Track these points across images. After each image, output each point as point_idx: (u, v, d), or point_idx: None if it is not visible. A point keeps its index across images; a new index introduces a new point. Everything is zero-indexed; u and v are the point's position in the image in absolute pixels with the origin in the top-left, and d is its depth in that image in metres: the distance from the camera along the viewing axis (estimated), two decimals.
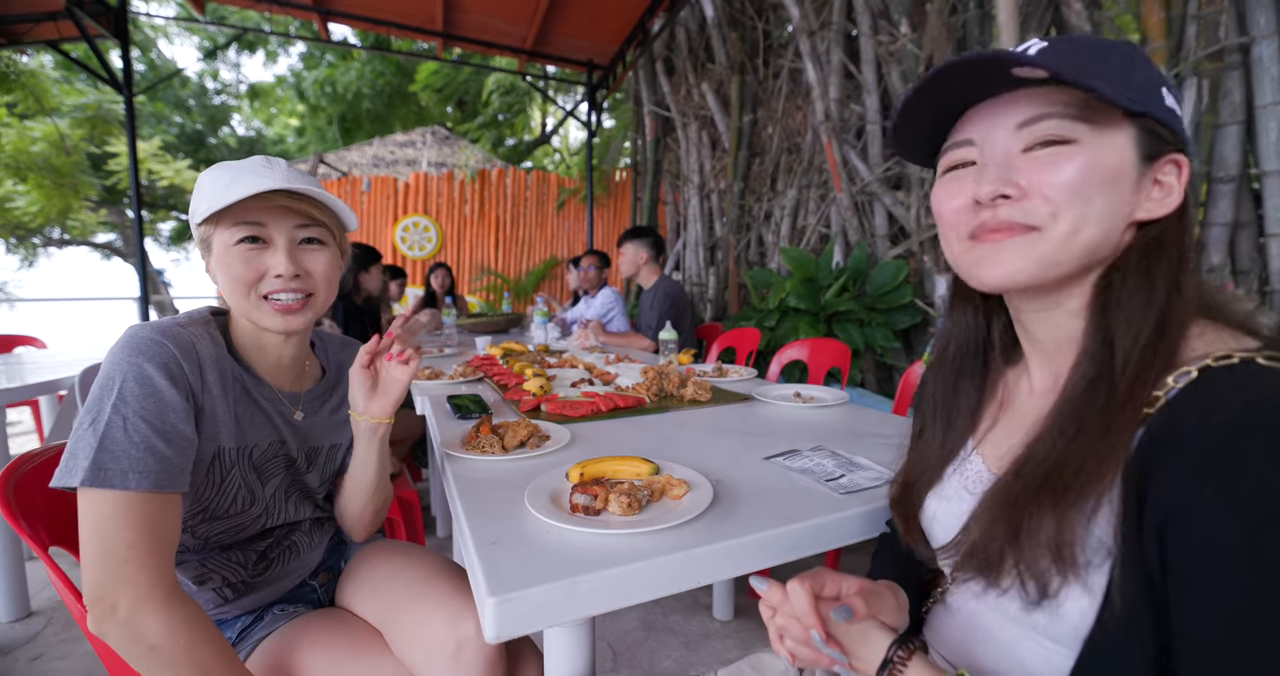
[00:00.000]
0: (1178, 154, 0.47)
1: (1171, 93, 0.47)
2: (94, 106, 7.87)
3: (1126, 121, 0.46)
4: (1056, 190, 0.46)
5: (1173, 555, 0.37)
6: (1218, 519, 0.35)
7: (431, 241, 6.28)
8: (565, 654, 0.66)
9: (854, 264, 3.15)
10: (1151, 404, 0.42)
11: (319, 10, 4.16)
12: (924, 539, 0.61)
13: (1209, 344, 0.43)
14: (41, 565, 0.85)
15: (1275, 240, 1.94)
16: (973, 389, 0.60)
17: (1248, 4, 1.92)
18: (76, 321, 7.57)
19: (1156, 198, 0.47)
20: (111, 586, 0.63)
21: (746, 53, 4.12)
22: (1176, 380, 0.42)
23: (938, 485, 0.59)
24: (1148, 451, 0.40)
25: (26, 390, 1.78)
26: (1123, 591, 0.40)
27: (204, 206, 0.76)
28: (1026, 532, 0.44)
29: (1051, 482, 0.44)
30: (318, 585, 0.96)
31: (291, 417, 0.89)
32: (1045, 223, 0.46)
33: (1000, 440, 0.56)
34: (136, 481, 0.65)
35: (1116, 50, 0.47)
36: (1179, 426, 0.39)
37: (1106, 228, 0.46)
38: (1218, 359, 0.41)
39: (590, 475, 0.83)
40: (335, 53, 11.02)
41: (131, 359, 0.69)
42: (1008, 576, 0.46)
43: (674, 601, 1.85)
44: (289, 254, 0.79)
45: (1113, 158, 0.46)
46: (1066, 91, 0.45)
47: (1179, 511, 0.37)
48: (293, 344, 0.88)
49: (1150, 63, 0.48)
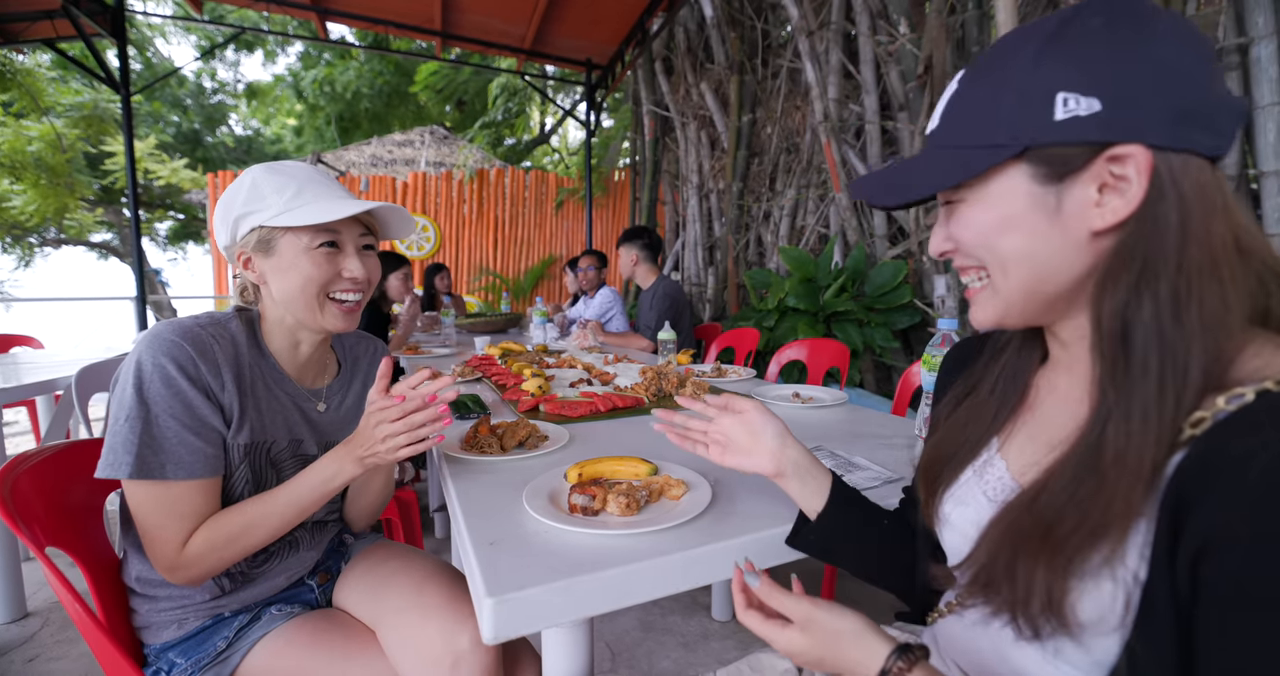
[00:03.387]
0: (1122, 146, 0.40)
1: (1083, 89, 0.40)
2: (90, 105, 7.84)
3: (1012, 161, 0.44)
4: (966, 245, 0.49)
5: (1205, 588, 0.35)
6: (1254, 561, 0.33)
7: (430, 241, 6.27)
8: (564, 654, 0.66)
9: (853, 264, 3.15)
10: (1197, 424, 0.38)
11: (317, 9, 4.15)
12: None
13: (1267, 361, 0.38)
14: (38, 566, 0.85)
15: (1274, 241, 1.95)
16: (1015, 389, 0.56)
17: (1246, 5, 1.93)
18: (73, 321, 7.53)
19: (1110, 202, 0.42)
20: (156, 557, 0.75)
21: (745, 52, 4.12)
22: (1228, 402, 0.37)
23: (954, 486, 0.56)
24: (1186, 479, 0.37)
25: (23, 390, 1.77)
26: (1149, 620, 0.38)
27: (271, 212, 0.80)
28: (1021, 575, 0.42)
29: (1053, 535, 0.42)
30: (315, 585, 0.95)
31: (313, 412, 0.92)
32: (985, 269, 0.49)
33: (1024, 445, 0.53)
34: (173, 472, 0.73)
35: (990, 77, 0.45)
36: (1226, 456, 0.35)
37: (1036, 263, 0.45)
38: (1279, 382, 0.36)
39: (589, 475, 0.83)
40: (334, 52, 11.00)
41: (155, 359, 0.74)
42: (1003, 609, 0.45)
43: (672, 602, 1.85)
44: (360, 259, 0.86)
45: (999, 205, 0.45)
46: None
47: (1216, 544, 0.34)
48: (324, 341, 0.93)
49: (1038, 67, 0.42)
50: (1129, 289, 0.41)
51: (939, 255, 0.52)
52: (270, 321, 0.88)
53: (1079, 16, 0.42)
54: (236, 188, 0.83)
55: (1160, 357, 0.40)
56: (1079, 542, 0.40)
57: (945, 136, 0.48)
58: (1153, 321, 0.40)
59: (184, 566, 0.75)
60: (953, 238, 0.50)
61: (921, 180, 0.48)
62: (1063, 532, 0.41)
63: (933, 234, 0.52)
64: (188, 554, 0.75)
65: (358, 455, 0.78)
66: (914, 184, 0.49)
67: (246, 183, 0.82)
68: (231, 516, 0.77)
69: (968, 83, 0.47)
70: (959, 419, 0.58)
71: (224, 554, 0.77)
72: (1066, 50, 0.42)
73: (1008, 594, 0.43)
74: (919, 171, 0.49)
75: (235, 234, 0.83)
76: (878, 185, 0.52)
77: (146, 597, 0.83)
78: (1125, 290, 0.42)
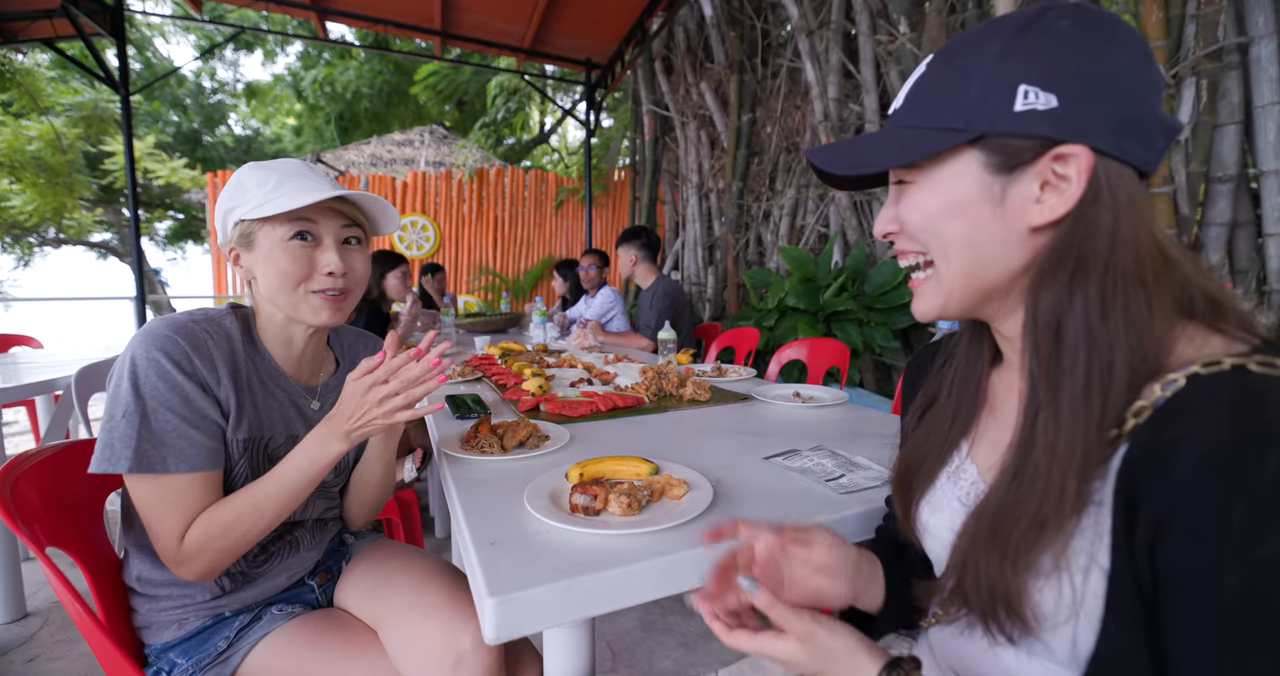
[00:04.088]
0: (1068, 146, 0.42)
1: (1044, 85, 0.42)
2: (90, 105, 7.83)
3: (966, 147, 0.45)
4: (912, 227, 0.49)
5: (1161, 574, 0.36)
6: (1204, 541, 0.34)
7: (430, 241, 6.26)
8: (565, 654, 0.66)
9: (853, 263, 3.15)
10: (1139, 414, 0.39)
11: (316, 9, 4.15)
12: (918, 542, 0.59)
13: (1198, 348, 0.41)
14: (38, 565, 0.85)
15: (1273, 240, 1.94)
16: (969, 393, 0.57)
17: (1246, 4, 1.92)
18: (72, 321, 7.53)
19: (1049, 200, 0.43)
20: (160, 552, 0.75)
21: (745, 52, 4.11)
22: (1164, 389, 0.39)
23: (930, 492, 0.56)
24: (1134, 467, 0.38)
25: (22, 390, 1.77)
26: (1117, 610, 0.39)
27: (250, 205, 0.79)
28: (983, 580, 0.43)
29: (1000, 534, 0.42)
30: (316, 585, 0.95)
31: (308, 410, 0.91)
32: (929, 255, 0.49)
33: (989, 447, 0.53)
34: (175, 465, 0.73)
35: (956, 63, 0.46)
36: (1163, 442, 0.37)
37: (977, 252, 0.46)
38: (1206, 365, 0.38)
39: (590, 475, 0.83)
40: (333, 52, 10.99)
41: (149, 353, 0.73)
42: (976, 616, 0.45)
43: (673, 601, 1.84)
44: (338, 252, 0.83)
45: (950, 189, 0.46)
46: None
47: (1167, 531, 0.35)
48: (318, 337, 0.92)
49: (1003, 59, 0.43)
50: (1063, 286, 0.43)
51: (883, 236, 0.53)
52: (263, 317, 0.88)
53: (1047, 15, 0.43)
54: (228, 184, 0.83)
55: (1088, 353, 0.41)
56: (1020, 537, 0.41)
57: (906, 117, 0.49)
58: (1082, 318, 0.42)
59: (185, 560, 0.74)
60: (899, 219, 0.50)
61: (874, 155, 0.49)
62: (1006, 530, 0.42)
63: (880, 214, 0.52)
64: (186, 547, 0.74)
65: (344, 430, 0.76)
66: (866, 157, 0.50)
67: (235, 179, 0.83)
68: (223, 508, 0.76)
69: (934, 67, 0.48)
70: (924, 429, 0.59)
71: (221, 545, 0.75)
72: (1033, 45, 0.43)
73: (974, 599, 0.44)
74: (874, 147, 0.50)
75: (226, 230, 0.84)
76: (832, 154, 0.52)
77: (147, 597, 0.83)
78: (1059, 288, 0.43)
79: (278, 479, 0.77)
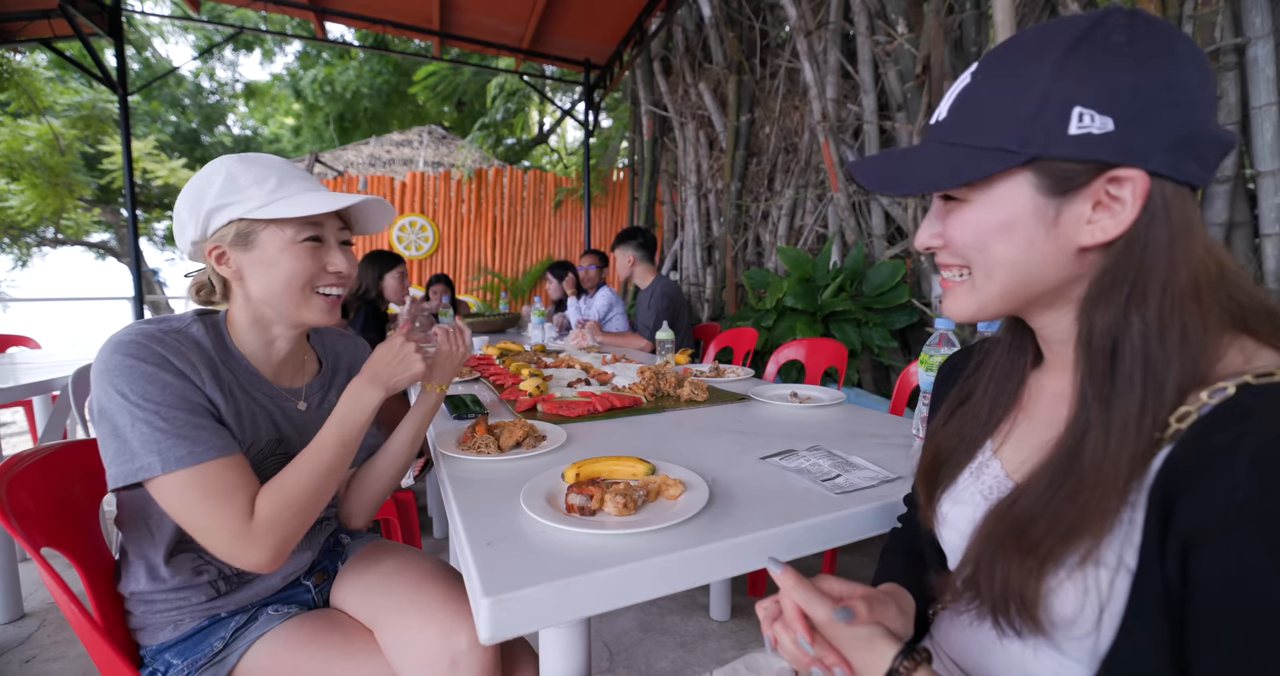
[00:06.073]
0: (1124, 169, 0.41)
1: (1100, 107, 0.40)
2: (88, 105, 7.82)
3: (1018, 169, 0.44)
4: (959, 245, 0.49)
5: (1194, 583, 0.35)
6: (1243, 552, 0.33)
7: (428, 241, 6.26)
8: (561, 654, 0.66)
9: (851, 264, 3.15)
10: (1183, 419, 0.39)
11: (315, 9, 4.14)
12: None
13: (1248, 359, 0.40)
14: (34, 566, 0.85)
15: (1270, 240, 1.95)
16: (1008, 392, 0.57)
17: (1243, 5, 1.93)
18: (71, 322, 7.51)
19: (1100, 220, 0.43)
20: (222, 540, 0.70)
21: (744, 52, 4.12)
22: (1211, 396, 0.38)
23: (952, 487, 0.57)
24: (1174, 471, 0.37)
25: (20, 390, 1.77)
26: (1140, 612, 0.38)
27: (252, 204, 0.78)
28: (999, 576, 0.43)
29: (1028, 536, 0.43)
30: (312, 585, 0.95)
31: (292, 412, 0.90)
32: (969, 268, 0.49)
33: (1018, 445, 0.54)
34: (203, 454, 0.71)
35: (1006, 78, 0.44)
36: (1209, 449, 0.36)
37: (1025, 270, 0.46)
38: (1258, 376, 0.37)
39: (586, 475, 0.83)
40: (332, 52, 10.98)
41: (126, 363, 0.72)
42: (986, 609, 0.45)
43: (671, 601, 1.85)
44: (343, 252, 0.86)
45: (1003, 210, 0.45)
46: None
47: (1203, 539, 0.35)
48: (299, 338, 0.91)
49: (1057, 77, 0.41)
50: (1119, 309, 0.43)
51: (925, 249, 0.52)
52: (239, 320, 0.85)
53: (1102, 28, 0.42)
54: (206, 180, 0.79)
55: (1144, 375, 0.41)
56: (1051, 545, 0.41)
57: (952, 132, 0.47)
58: (1140, 341, 0.41)
59: (260, 535, 0.71)
60: (946, 235, 0.50)
61: (926, 175, 0.48)
62: (1037, 534, 0.42)
63: (921, 227, 0.52)
64: (259, 521, 0.72)
65: (381, 378, 0.85)
66: (917, 177, 0.48)
67: (220, 175, 0.78)
68: (284, 473, 0.76)
69: (980, 79, 0.46)
70: (955, 423, 0.59)
71: (300, 504, 0.75)
72: (1088, 63, 0.41)
73: (987, 594, 0.45)
74: (922, 165, 0.48)
75: (207, 228, 0.79)
76: (881, 173, 0.51)
77: (143, 599, 0.82)
78: (1116, 310, 0.43)
79: (324, 437, 0.81)
